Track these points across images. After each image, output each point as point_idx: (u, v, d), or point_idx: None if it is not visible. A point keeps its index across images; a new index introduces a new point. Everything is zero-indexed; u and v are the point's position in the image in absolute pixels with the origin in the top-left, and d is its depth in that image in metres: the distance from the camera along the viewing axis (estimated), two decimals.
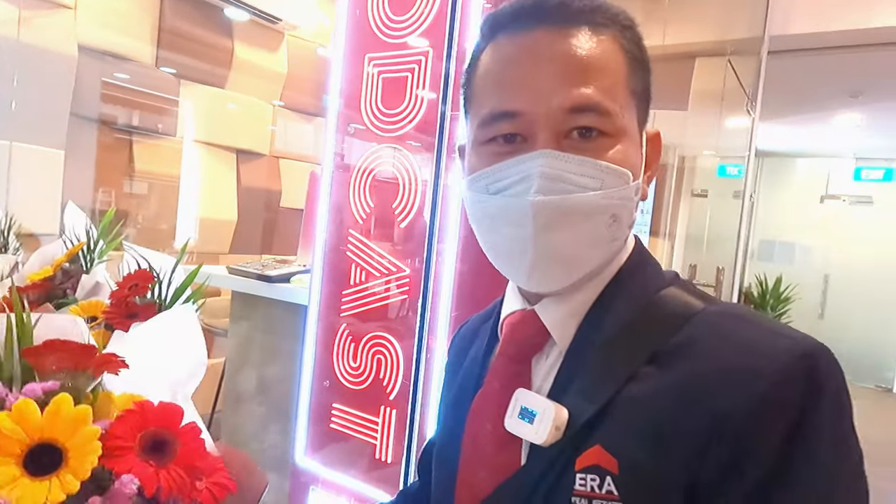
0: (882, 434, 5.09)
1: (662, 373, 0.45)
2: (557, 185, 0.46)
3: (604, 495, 0.43)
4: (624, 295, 0.51)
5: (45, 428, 0.39)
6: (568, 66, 0.47)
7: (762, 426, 0.41)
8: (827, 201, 6.93)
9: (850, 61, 3.48)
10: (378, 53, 1.65)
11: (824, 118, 5.10)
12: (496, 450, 0.50)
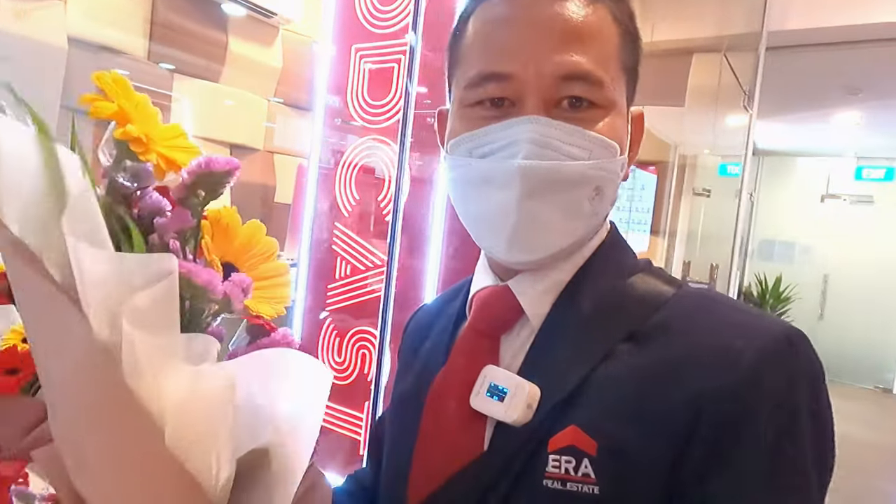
0: (882, 437, 5.06)
1: (640, 351, 0.44)
2: (545, 151, 0.45)
3: (579, 478, 0.41)
4: (600, 275, 0.50)
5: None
6: (563, 31, 0.46)
7: (745, 404, 0.41)
8: (827, 200, 6.89)
9: (849, 58, 3.44)
10: (365, 44, 1.63)
11: (824, 116, 5.06)
12: (459, 430, 0.48)
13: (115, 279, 0.31)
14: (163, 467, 0.32)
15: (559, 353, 0.47)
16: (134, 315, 0.31)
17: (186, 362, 0.33)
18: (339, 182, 1.68)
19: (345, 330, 1.66)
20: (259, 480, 0.36)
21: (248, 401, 0.35)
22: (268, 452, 0.36)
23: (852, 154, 6.61)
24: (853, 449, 4.51)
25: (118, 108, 0.37)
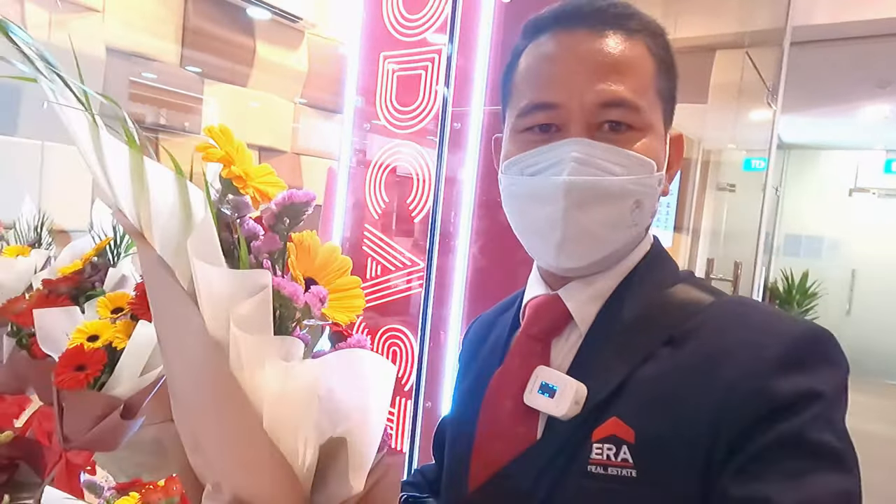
0: None
1: (676, 353, 0.49)
2: (588, 168, 0.51)
3: (619, 463, 0.46)
4: (643, 285, 0.55)
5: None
6: (602, 64, 0.52)
7: (772, 394, 0.44)
8: (856, 195, 6.76)
9: (876, 51, 3.40)
10: (393, 52, 1.68)
11: (851, 110, 4.98)
12: (514, 424, 0.54)
13: (226, 291, 0.38)
14: (261, 448, 0.38)
15: (604, 356, 0.52)
16: (239, 319, 0.37)
17: (278, 359, 0.39)
18: (369, 184, 1.74)
19: (376, 328, 1.72)
20: (337, 466, 0.42)
21: (328, 394, 0.40)
22: (344, 441, 0.42)
23: (881, 147, 6.48)
24: (883, 446, 4.45)
25: (225, 153, 0.44)
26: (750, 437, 0.44)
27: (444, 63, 1.58)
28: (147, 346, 0.95)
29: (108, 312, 0.99)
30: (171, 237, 0.39)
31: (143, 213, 0.41)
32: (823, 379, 0.46)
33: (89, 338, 0.97)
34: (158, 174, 0.39)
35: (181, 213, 0.38)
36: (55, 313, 1.05)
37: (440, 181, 1.54)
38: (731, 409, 0.44)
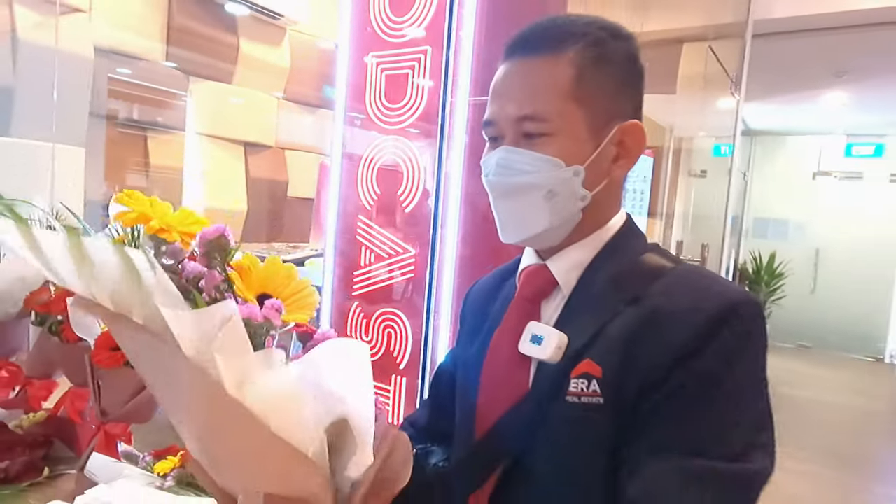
0: (874, 403, 5.27)
1: (637, 310, 0.61)
2: (507, 170, 0.65)
3: (590, 393, 0.59)
4: (615, 255, 0.67)
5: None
6: (519, 87, 0.65)
7: (689, 350, 0.57)
8: (819, 178, 7.05)
9: (833, 42, 3.60)
10: (380, 52, 1.79)
11: (812, 97, 5.22)
12: (511, 370, 0.66)
13: (200, 329, 0.44)
14: (277, 449, 0.47)
15: (582, 313, 0.64)
16: (220, 348, 0.45)
17: (265, 371, 0.47)
18: (360, 177, 1.85)
19: (371, 312, 1.83)
20: (347, 443, 0.51)
21: (317, 386, 0.48)
22: (346, 421, 0.50)
23: (842, 132, 6.77)
24: (848, 415, 4.72)
25: (139, 214, 0.52)
26: (665, 381, 0.57)
27: (430, 62, 1.69)
28: None
29: None
30: (125, 299, 0.44)
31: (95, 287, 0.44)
32: (739, 347, 0.57)
33: None
34: (95, 247, 0.42)
35: (128, 276, 0.42)
36: None
37: (441, 172, 1.66)
38: (664, 357, 0.57)
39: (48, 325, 1.21)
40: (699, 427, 0.55)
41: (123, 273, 0.43)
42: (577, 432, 0.60)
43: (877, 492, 3.28)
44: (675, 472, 0.53)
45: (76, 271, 0.43)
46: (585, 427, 0.59)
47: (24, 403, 1.25)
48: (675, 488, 0.53)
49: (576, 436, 0.60)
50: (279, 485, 0.49)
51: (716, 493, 0.53)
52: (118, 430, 1.08)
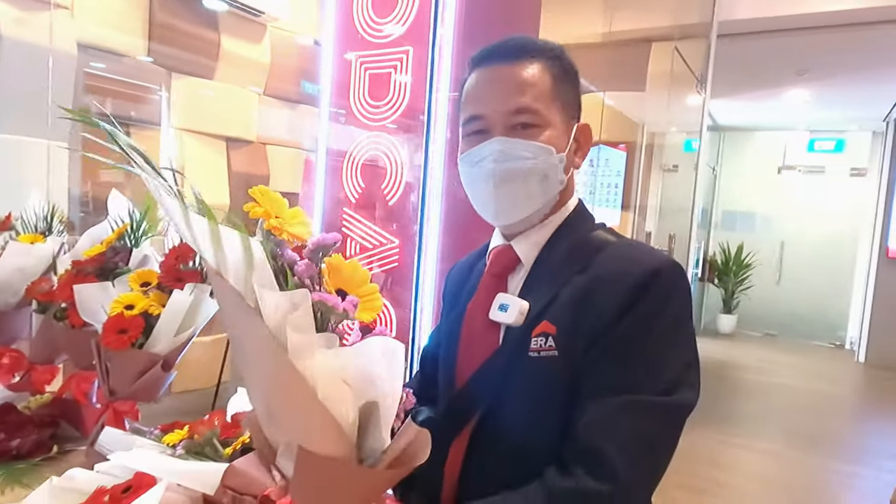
0: (835, 387, 5.53)
1: (581, 278, 0.72)
2: (508, 156, 0.74)
3: (547, 348, 0.70)
4: (567, 235, 0.79)
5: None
6: (510, 84, 0.75)
7: (623, 306, 0.68)
8: (784, 172, 7.32)
9: (794, 42, 3.78)
10: (364, 52, 1.87)
11: (776, 95, 5.43)
12: (483, 334, 0.77)
13: (281, 307, 0.56)
14: (318, 413, 0.57)
15: (541, 283, 0.75)
16: (292, 324, 0.56)
17: (322, 349, 0.57)
18: (345, 172, 1.93)
19: None
20: (372, 421, 0.61)
21: (361, 371, 0.59)
22: (376, 403, 0.60)
23: (805, 128, 7.03)
24: (804, 395, 4.95)
25: (265, 210, 0.63)
26: (604, 334, 0.68)
27: (412, 61, 1.78)
28: (180, 312, 1.14)
29: (137, 286, 1.17)
30: (239, 274, 0.57)
31: (220, 261, 0.58)
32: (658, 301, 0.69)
33: (126, 307, 1.15)
34: (227, 234, 0.57)
35: (245, 258, 0.57)
36: (92, 288, 1.22)
37: (427, 166, 1.75)
38: (602, 316, 0.68)
39: (53, 312, 1.28)
40: (635, 369, 0.67)
41: (243, 254, 0.57)
42: (538, 381, 0.71)
43: (838, 469, 3.48)
44: (616, 406, 0.65)
45: (210, 245, 0.57)
46: (544, 376, 0.71)
47: (30, 386, 1.31)
48: (616, 417, 0.65)
49: (537, 384, 0.71)
50: (314, 443, 0.59)
51: (648, 420, 0.65)
52: (126, 408, 1.16)
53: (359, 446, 0.63)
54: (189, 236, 0.60)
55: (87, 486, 0.92)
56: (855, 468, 3.49)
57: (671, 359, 0.68)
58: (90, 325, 1.27)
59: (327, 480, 0.63)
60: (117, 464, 0.97)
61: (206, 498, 0.95)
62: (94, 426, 1.32)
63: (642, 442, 0.64)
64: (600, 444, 0.63)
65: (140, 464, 0.94)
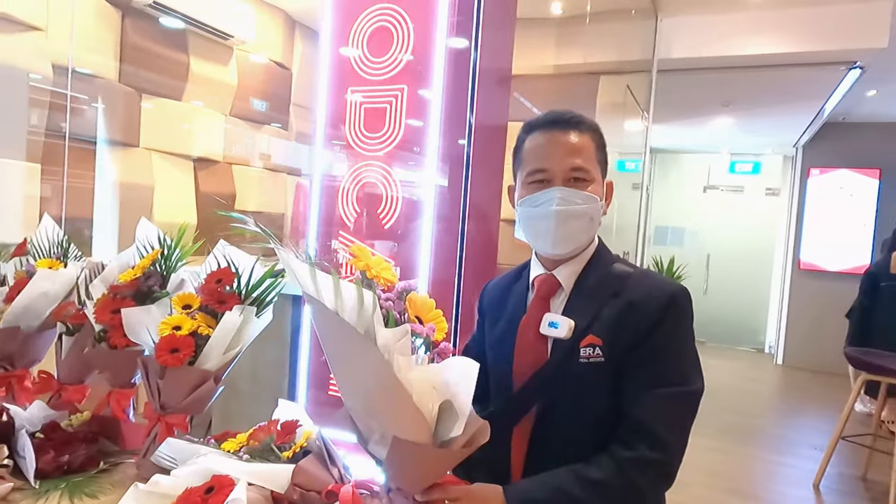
0: (757, 386, 6.07)
1: (617, 301, 0.93)
2: (568, 202, 0.95)
3: (595, 356, 0.90)
4: (596, 266, 0.99)
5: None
6: (570, 148, 0.96)
7: (652, 323, 0.89)
8: (708, 191, 7.96)
9: (720, 78, 4.25)
10: (360, 87, 2.02)
11: (703, 122, 5.98)
12: (535, 347, 0.96)
13: (390, 338, 0.75)
14: (412, 412, 0.75)
15: (581, 305, 0.95)
16: (399, 350, 0.75)
17: (417, 366, 0.77)
18: (341, 197, 2.07)
19: None
20: (450, 415, 0.79)
21: (444, 381, 0.78)
22: (451, 402, 0.78)
23: (727, 151, 7.69)
24: (737, 397, 5.42)
25: (365, 264, 0.83)
26: (641, 344, 0.89)
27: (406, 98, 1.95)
28: (231, 331, 1.26)
29: (180, 308, 1.28)
30: (354, 314, 0.76)
31: (339, 305, 0.77)
32: (677, 318, 0.91)
33: (174, 328, 1.26)
34: (345, 286, 0.76)
35: (357, 302, 0.76)
36: (138, 312, 1.32)
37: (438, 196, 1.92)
38: (638, 330, 0.89)
39: (97, 334, 1.35)
40: (664, 368, 0.89)
41: (356, 299, 0.77)
42: (589, 382, 0.90)
43: (768, 459, 3.87)
44: (657, 397, 0.87)
45: (333, 295, 0.77)
46: (592, 377, 0.90)
47: (70, 405, 1.37)
48: (659, 405, 0.86)
49: (588, 384, 0.91)
50: (405, 433, 0.77)
51: (678, 405, 0.87)
52: (177, 421, 1.25)
53: (435, 433, 0.82)
54: (313, 289, 0.79)
55: (169, 490, 1.03)
56: (782, 458, 3.90)
57: (686, 358, 0.90)
58: (133, 346, 1.36)
59: (413, 459, 0.81)
60: (192, 470, 1.08)
61: (274, 495, 1.08)
62: (133, 440, 1.40)
63: (678, 421, 0.86)
64: (652, 425, 0.84)
65: (222, 466, 1.06)
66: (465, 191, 1.94)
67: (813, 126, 5.95)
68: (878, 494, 3.32)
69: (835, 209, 6.66)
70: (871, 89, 4.97)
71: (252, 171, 3.92)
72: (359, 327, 0.77)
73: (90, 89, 2.85)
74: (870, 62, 3.78)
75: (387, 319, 0.81)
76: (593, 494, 0.82)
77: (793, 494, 3.33)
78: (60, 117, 2.69)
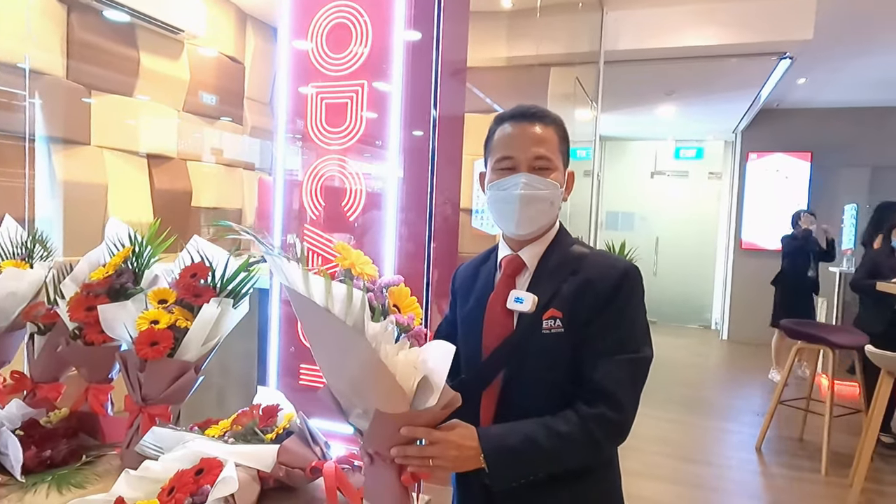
0: (704, 360, 6.40)
1: (576, 278, 1.03)
2: (531, 187, 1.03)
3: (556, 327, 0.99)
4: (558, 247, 1.09)
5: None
6: (535, 138, 1.05)
7: (607, 298, 0.99)
8: (655, 176, 8.27)
9: (664, 69, 4.44)
10: (320, 83, 2.06)
11: (648, 110, 6.22)
12: (502, 320, 1.05)
13: (379, 332, 0.85)
14: (394, 389, 0.85)
15: (543, 282, 1.05)
16: (383, 339, 0.85)
17: (400, 349, 0.87)
18: (305, 192, 2.11)
19: None
20: (425, 390, 0.89)
21: (424, 361, 0.87)
22: (427, 378, 0.88)
23: (672, 138, 8.01)
24: (686, 370, 5.72)
25: (350, 262, 0.92)
26: (598, 316, 0.99)
27: (367, 93, 2.01)
28: (209, 323, 1.31)
29: (156, 302, 1.33)
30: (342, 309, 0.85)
31: (329, 302, 0.85)
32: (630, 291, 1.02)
33: (151, 322, 1.30)
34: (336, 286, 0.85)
35: (346, 298, 0.85)
36: (114, 308, 1.35)
37: (402, 188, 1.98)
38: (594, 303, 0.99)
39: (72, 332, 1.37)
40: (620, 337, 0.99)
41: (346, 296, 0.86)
42: (550, 351, 1.01)
43: (714, 426, 4.13)
44: (614, 363, 0.97)
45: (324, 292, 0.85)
46: (554, 347, 1.01)
47: (47, 403, 1.39)
48: (616, 370, 0.97)
49: (549, 353, 1.01)
50: (386, 405, 0.88)
51: (632, 370, 0.98)
52: (159, 411, 1.30)
53: (412, 405, 0.92)
54: (303, 287, 0.88)
55: (160, 474, 1.08)
56: (727, 424, 4.17)
57: (638, 328, 1.01)
58: (110, 342, 1.39)
59: (391, 429, 0.91)
60: (181, 454, 1.13)
61: (260, 474, 1.15)
62: (113, 434, 1.43)
63: (632, 385, 0.97)
64: (612, 388, 0.95)
65: (210, 449, 1.12)
66: (432, 182, 2.01)
67: (750, 113, 6.27)
68: (812, 452, 3.61)
69: (771, 191, 7.05)
70: (801, 77, 5.29)
71: (207, 166, 3.88)
72: (347, 320, 0.86)
73: (37, 86, 2.78)
74: (798, 52, 4.04)
75: (373, 311, 0.90)
76: (558, 444, 0.93)
77: (737, 457, 3.58)
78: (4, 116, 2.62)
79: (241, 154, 4.20)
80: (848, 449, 3.53)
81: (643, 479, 3.18)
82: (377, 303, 0.94)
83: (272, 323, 2.19)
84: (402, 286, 1.01)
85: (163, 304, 1.34)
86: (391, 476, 0.93)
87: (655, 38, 3.78)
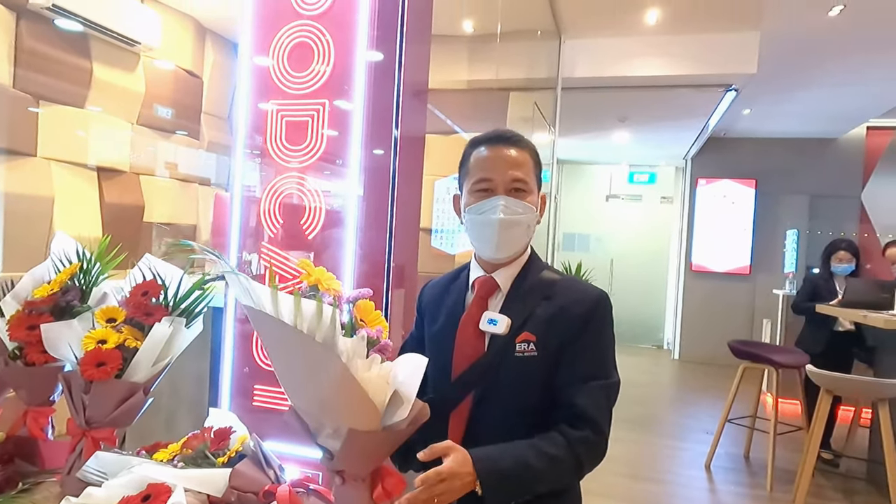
0: (658, 379, 6.55)
1: (549, 304, 1.05)
2: (509, 210, 1.05)
3: (529, 351, 1.01)
4: (531, 271, 1.11)
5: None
6: (512, 162, 1.07)
7: (581, 325, 1.02)
8: (610, 199, 8.51)
9: (618, 96, 4.61)
10: (280, 101, 2.06)
11: (604, 135, 6.42)
12: (474, 340, 1.06)
13: (350, 346, 0.84)
14: (367, 405, 0.84)
15: (517, 305, 1.06)
16: (359, 354, 0.84)
17: (371, 363, 0.86)
18: (263, 209, 2.09)
19: None
20: (395, 403, 0.88)
21: (394, 375, 0.87)
22: (398, 393, 0.88)
23: (626, 163, 8.28)
24: (638, 389, 5.84)
25: (314, 279, 0.91)
26: (572, 343, 1.02)
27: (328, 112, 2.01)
28: (160, 343, 1.27)
29: (104, 321, 1.29)
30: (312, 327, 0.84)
31: (299, 320, 0.83)
32: (602, 319, 1.05)
33: (98, 342, 1.26)
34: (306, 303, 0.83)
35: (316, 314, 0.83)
36: (59, 327, 1.30)
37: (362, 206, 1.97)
38: (567, 331, 1.02)
39: (11, 352, 1.31)
40: (592, 364, 1.02)
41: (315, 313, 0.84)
42: (521, 374, 1.02)
43: (665, 444, 4.21)
44: (592, 388, 1.00)
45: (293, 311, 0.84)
46: (526, 370, 1.03)
47: None
48: (596, 396, 1.00)
49: (520, 376, 1.03)
50: (358, 422, 0.87)
51: (606, 395, 1.01)
52: (103, 435, 1.24)
53: (383, 419, 0.91)
54: (272, 308, 0.86)
55: (103, 502, 1.04)
56: (677, 443, 4.27)
57: (609, 355, 1.05)
58: (52, 362, 1.33)
59: (364, 446, 0.90)
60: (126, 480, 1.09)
61: (211, 500, 1.12)
62: (53, 460, 1.36)
63: (607, 408, 1.01)
64: (593, 414, 0.99)
65: (157, 474, 1.08)
66: (392, 202, 2.02)
67: (699, 141, 6.55)
68: (758, 469, 3.73)
69: (719, 215, 7.35)
70: (746, 108, 5.58)
71: (161, 181, 3.79)
72: (317, 337, 0.85)
73: None
74: (742, 85, 4.27)
75: (343, 327, 0.90)
76: (548, 466, 0.94)
77: (686, 474, 3.66)
78: None
79: (197, 169, 4.12)
80: (792, 465, 3.66)
81: (597, 498, 3.21)
82: (347, 317, 0.94)
83: (226, 342, 2.14)
84: (367, 301, 1.01)
85: (111, 323, 1.30)
86: (363, 495, 0.92)
87: (610, 67, 3.93)
